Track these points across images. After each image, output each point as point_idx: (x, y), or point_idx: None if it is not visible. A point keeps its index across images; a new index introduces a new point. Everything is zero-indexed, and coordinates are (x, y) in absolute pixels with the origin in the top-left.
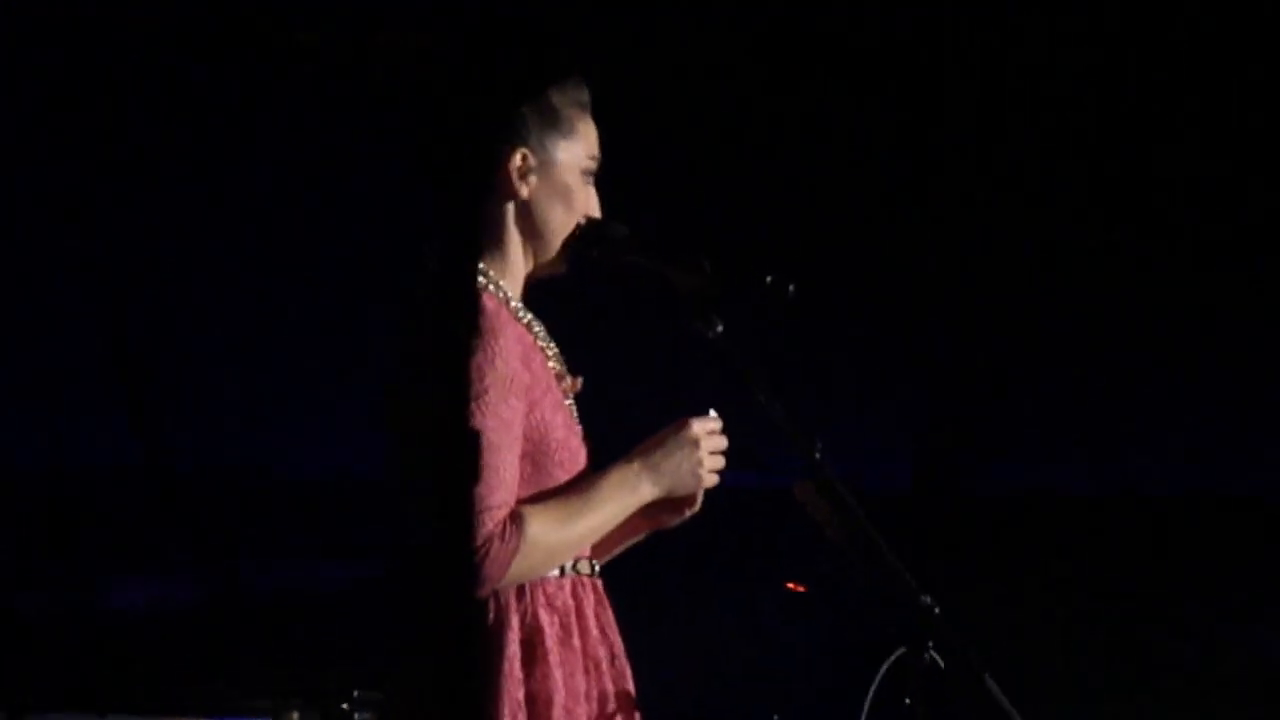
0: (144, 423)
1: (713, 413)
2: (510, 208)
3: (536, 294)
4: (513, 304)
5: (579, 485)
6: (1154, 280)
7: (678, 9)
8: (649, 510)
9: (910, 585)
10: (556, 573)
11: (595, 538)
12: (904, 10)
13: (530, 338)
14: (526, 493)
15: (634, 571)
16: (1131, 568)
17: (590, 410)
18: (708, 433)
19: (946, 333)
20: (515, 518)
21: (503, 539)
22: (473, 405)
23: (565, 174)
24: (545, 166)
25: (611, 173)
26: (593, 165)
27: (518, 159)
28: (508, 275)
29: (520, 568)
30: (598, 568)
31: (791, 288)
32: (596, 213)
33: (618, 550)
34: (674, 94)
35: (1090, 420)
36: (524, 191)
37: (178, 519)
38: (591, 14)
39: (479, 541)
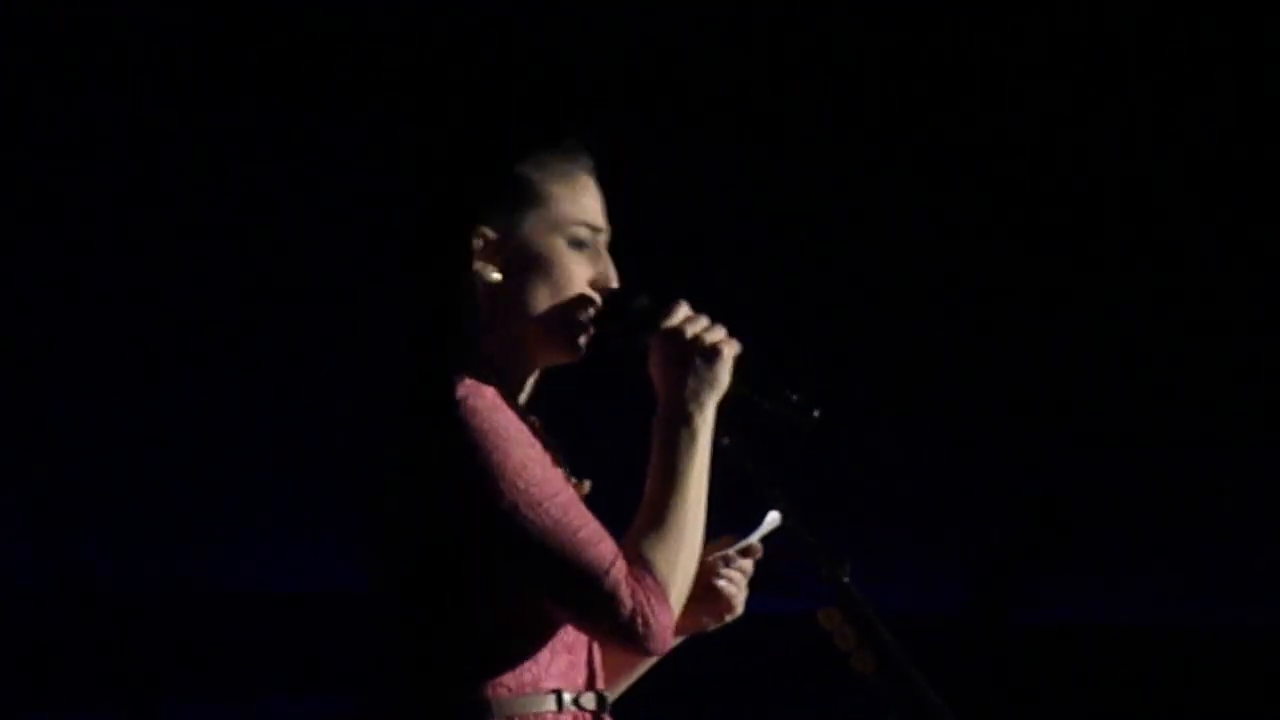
0: (48, 530)
1: (773, 514)
2: (487, 293)
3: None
4: (510, 399)
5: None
6: (1229, 405)
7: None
8: (688, 610)
9: None
10: (553, 706)
11: (702, 505)
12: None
13: (530, 431)
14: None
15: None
16: (1197, 707)
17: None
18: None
19: (1008, 450)
20: (629, 560)
21: (639, 582)
22: (526, 513)
23: (540, 248)
24: (514, 243)
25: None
26: (582, 233)
27: (478, 241)
28: (500, 367)
29: (676, 594)
30: (608, 700)
31: (817, 413)
32: (613, 283)
33: (642, 669)
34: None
35: (1158, 548)
36: (493, 274)
37: (87, 645)
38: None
39: (626, 610)
